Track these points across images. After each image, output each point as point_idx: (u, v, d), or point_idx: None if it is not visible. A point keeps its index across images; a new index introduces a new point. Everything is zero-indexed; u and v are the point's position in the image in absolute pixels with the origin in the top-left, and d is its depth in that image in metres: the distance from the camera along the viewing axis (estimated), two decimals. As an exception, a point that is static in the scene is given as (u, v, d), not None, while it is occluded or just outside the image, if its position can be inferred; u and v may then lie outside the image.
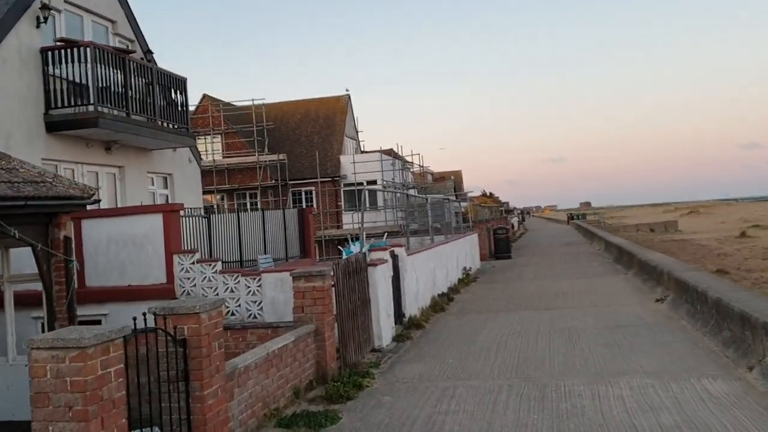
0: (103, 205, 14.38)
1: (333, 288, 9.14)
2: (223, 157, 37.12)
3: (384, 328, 11.22)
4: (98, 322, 11.78)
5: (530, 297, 16.77)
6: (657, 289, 15.49)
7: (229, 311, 11.45)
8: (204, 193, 35.29)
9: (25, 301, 10.79)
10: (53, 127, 12.98)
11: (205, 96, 39.07)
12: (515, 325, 12.83)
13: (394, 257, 12.67)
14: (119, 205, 14.69)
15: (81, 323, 11.66)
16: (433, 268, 16.45)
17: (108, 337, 4.48)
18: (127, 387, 4.91)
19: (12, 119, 12.13)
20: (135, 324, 5.10)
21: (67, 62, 12.98)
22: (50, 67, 12.97)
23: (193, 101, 39.03)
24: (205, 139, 37.72)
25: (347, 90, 42.16)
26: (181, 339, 5.72)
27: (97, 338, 4.37)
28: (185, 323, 5.75)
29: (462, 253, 22.23)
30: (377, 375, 9.26)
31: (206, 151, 37.48)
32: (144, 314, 5.46)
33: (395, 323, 12.23)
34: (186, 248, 12.14)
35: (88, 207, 11.10)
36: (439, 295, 16.48)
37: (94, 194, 9.75)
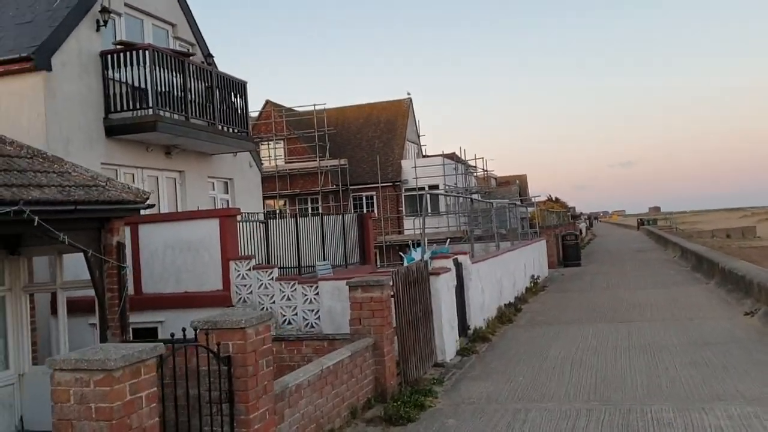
0: (164, 210, 14.25)
1: (392, 298, 8.52)
2: (286, 163, 37.13)
3: (447, 342, 10.52)
4: (154, 330, 11.52)
5: (604, 308, 15.74)
6: (745, 301, 14.24)
7: (285, 320, 11.00)
8: (266, 198, 35.46)
9: (82, 307, 10.58)
10: (113, 131, 12.86)
11: (268, 102, 39.22)
12: (590, 339, 11.91)
13: (458, 265, 11.96)
14: (180, 210, 14.50)
15: (137, 330, 11.49)
16: (500, 276, 15.63)
17: (138, 358, 3.97)
18: (162, 411, 4.42)
19: (72, 123, 12.04)
20: (173, 341, 4.61)
21: (126, 65, 12.83)
22: (110, 71, 12.86)
23: (257, 107, 39.28)
24: (268, 144, 37.84)
25: (409, 93, 41.64)
26: (225, 356, 5.20)
27: (125, 359, 3.87)
28: (230, 339, 5.23)
29: (529, 260, 21.27)
30: (440, 393, 8.57)
31: (269, 156, 37.59)
32: (183, 330, 4.96)
33: (459, 336, 11.50)
34: (243, 254, 11.76)
35: (143, 212, 10.91)
36: (505, 305, 15.65)
37: (147, 198, 9.46)
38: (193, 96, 14.04)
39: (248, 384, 5.22)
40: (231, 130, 15.46)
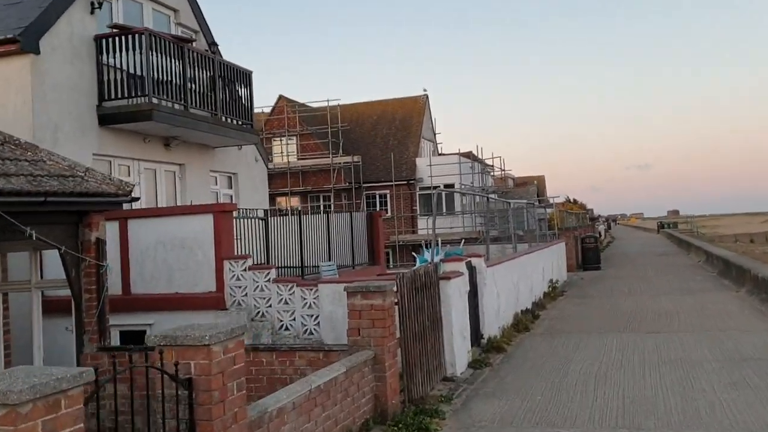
0: (162, 205, 13.47)
1: (396, 306, 7.63)
2: (298, 159, 36.34)
3: (458, 353, 9.60)
4: (143, 333, 10.73)
5: (628, 316, 14.71)
6: (783, 311, 13.19)
7: (282, 325, 10.16)
8: (277, 195, 34.74)
9: (65, 308, 9.73)
10: (106, 120, 12.11)
11: (281, 97, 38.47)
12: (614, 351, 10.93)
13: (471, 269, 11.03)
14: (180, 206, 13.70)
15: (124, 333, 10.73)
16: (517, 280, 14.67)
17: (55, 389, 3.12)
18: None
19: (61, 111, 11.27)
20: (115, 363, 3.75)
21: (121, 50, 12.07)
22: (104, 56, 12.09)
23: (269, 102, 38.56)
24: (281, 140, 37.11)
25: (425, 90, 40.61)
26: (185, 378, 4.34)
27: (34, 391, 3.01)
28: (192, 358, 4.36)
29: (548, 263, 20.26)
30: (448, 414, 7.65)
31: (282, 152, 36.85)
32: (128, 346, 4.11)
33: (472, 346, 10.58)
34: (240, 253, 10.94)
35: (134, 206, 10.12)
36: (522, 311, 14.68)
37: (131, 191, 8.65)
38: (193, 84, 13.25)
39: (213, 412, 4.35)
40: (234, 121, 14.66)
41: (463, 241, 19.64)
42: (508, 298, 13.72)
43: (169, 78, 12.51)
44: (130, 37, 12.07)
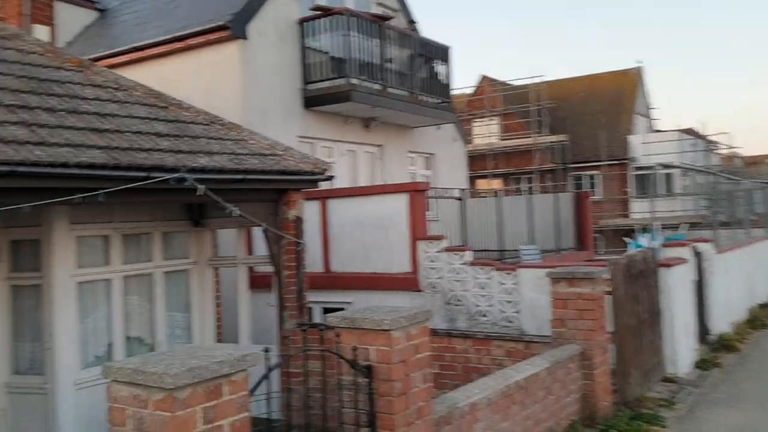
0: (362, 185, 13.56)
1: (608, 295, 6.69)
2: (500, 140, 35.40)
3: (681, 351, 8.34)
4: (343, 311, 10.81)
5: None
6: None
7: (479, 311, 9.59)
8: (478, 177, 34.17)
9: (269, 284, 9.98)
10: (309, 102, 12.35)
11: (484, 77, 37.70)
12: None
13: (697, 255, 9.59)
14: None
15: (327, 310, 10.86)
16: (751, 270, 12.70)
17: (215, 373, 2.82)
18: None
19: (268, 94, 11.66)
20: (289, 347, 3.42)
21: (322, 32, 12.22)
22: (307, 39, 12.33)
23: (472, 82, 38.03)
24: (482, 121, 36.44)
25: (639, 61, 37.44)
26: (364, 366, 3.93)
27: (192, 375, 2.73)
28: (371, 343, 3.94)
29: (790, 251, 17.46)
30: (670, 421, 6.57)
31: (484, 133, 36.19)
32: (307, 324, 3.77)
33: (697, 343, 9.20)
34: (435, 233, 10.54)
35: (333, 185, 10.14)
36: (759, 305, 12.69)
37: (326, 170, 8.59)
38: (391, 64, 13.10)
39: (394, 405, 3.90)
40: (432, 100, 14.31)
41: (686, 225, 17.59)
42: (741, 290, 11.89)
43: (368, 57, 12.44)
44: (330, 18, 12.16)
